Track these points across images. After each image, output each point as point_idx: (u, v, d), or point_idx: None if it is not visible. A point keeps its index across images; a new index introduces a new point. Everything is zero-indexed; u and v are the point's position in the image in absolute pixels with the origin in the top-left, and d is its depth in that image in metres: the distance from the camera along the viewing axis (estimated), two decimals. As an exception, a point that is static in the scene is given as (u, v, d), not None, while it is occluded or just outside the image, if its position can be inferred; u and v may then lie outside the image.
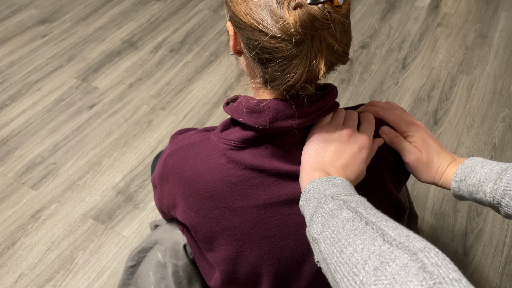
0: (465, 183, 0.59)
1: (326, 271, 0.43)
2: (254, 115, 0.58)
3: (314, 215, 0.49)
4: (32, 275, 1.19)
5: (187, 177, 0.63)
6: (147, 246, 0.79)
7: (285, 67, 0.53)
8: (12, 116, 1.64)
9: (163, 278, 0.77)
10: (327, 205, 0.48)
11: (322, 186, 0.53)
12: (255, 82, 0.60)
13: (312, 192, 0.53)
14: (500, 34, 1.97)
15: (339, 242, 0.42)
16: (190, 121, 1.61)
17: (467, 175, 0.59)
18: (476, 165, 0.59)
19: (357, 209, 0.46)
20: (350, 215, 0.45)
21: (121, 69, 1.82)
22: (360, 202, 0.48)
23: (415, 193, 1.37)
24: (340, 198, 0.48)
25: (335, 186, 0.52)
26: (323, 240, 0.45)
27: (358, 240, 0.41)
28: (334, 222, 0.45)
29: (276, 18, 0.49)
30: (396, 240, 0.38)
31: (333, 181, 0.53)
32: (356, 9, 2.15)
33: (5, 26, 2.06)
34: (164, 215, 0.76)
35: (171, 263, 0.75)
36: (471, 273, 1.18)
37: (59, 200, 1.36)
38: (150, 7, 2.18)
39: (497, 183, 0.55)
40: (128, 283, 0.85)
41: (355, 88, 1.72)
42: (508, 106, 1.64)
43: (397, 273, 0.35)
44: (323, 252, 0.44)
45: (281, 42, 0.50)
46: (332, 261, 0.42)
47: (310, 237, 0.48)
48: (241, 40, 0.56)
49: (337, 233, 0.43)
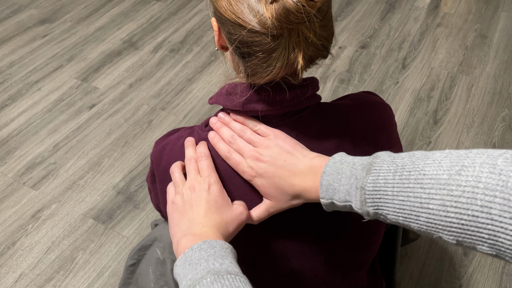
0: (335, 206, 0.53)
1: None
2: (230, 97, 0.61)
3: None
4: (32, 275, 1.19)
5: (165, 166, 0.65)
6: (146, 244, 0.79)
7: (265, 60, 0.54)
8: (12, 116, 1.64)
9: (163, 275, 0.77)
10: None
11: (181, 270, 0.50)
12: (239, 76, 0.61)
13: (177, 280, 0.51)
14: (500, 34, 1.97)
15: None
16: (190, 121, 1.61)
17: (331, 197, 0.52)
18: (334, 182, 0.52)
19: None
20: None
21: (121, 69, 1.82)
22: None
23: (415, 193, 1.37)
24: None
25: (191, 266, 0.49)
26: None
27: None
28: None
29: (254, 12, 0.51)
30: None
31: (189, 257, 0.50)
32: (356, 9, 2.15)
33: (5, 26, 2.06)
34: (161, 213, 0.77)
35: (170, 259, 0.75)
36: (471, 273, 1.19)
37: (59, 200, 1.36)
38: (150, 7, 2.18)
39: (364, 205, 0.49)
40: (129, 283, 0.85)
41: (355, 88, 1.72)
42: (508, 106, 1.64)
43: None
44: None
45: (259, 36, 0.52)
46: None
47: None
48: (224, 35, 0.58)
49: None
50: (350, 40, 1.96)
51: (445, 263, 1.21)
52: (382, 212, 0.48)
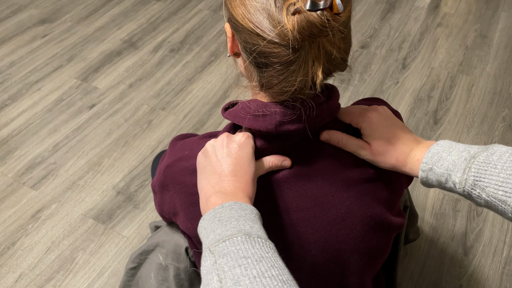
0: (433, 173, 0.55)
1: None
2: (259, 119, 0.56)
3: (201, 270, 0.47)
4: (32, 275, 1.19)
5: (189, 187, 0.63)
6: (148, 249, 0.79)
7: (282, 72, 0.51)
8: (12, 116, 1.64)
9: (165, 280, 0.76)
10: (205, 263, 0.46)
11: (209, 224, 0.50)
12: (252, 85, 0.59)
13: (202, 233, 0.51)
14: (500, 34, 1.97)
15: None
16: (190, 121, 1.61)
17: (434, 163, 0.55)
18: (443, 152, 0.54)
19: (225, 274, 0.42)
20: (217, 287, 0.42)
21: (121, 69, 1.82)
22: (235, 251, 0.44)
23: (415, 193, 1.37)
24: (216, 250, 0.45)
25: (220, 222, 0.49)
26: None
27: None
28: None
29: (274, 23, 0.49)
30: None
31: (219, 214, 0.50)
32: (356, 9, 2.15)
33: (5, 26, 2.06)
34: (164, 219, 0.76)
35: (172, 265, 0.75)
36: (471, 273, 1.19)
37: (59, 200, 1.36)
38: (150, 7, 2.18)
39: (466, 172, 0.50)
40: (129, 285, 0.85)
41: (355, 88, 1.72)
42: (508, 106, 1.64)
43: None
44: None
45: (278, 47, 0.49)
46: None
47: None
48: (238, 43, 0.56)
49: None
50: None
51: (445, 263, 1.21)
52: (482, 183, 0.49)
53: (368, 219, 0.63)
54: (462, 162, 0.52)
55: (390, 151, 0.60)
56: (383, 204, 0.65)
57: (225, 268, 0.43)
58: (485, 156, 0.50)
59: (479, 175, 0.49)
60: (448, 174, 0.53)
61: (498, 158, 0.49)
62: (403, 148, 0.60)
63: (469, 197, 0.52)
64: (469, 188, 0.50)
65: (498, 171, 0.48)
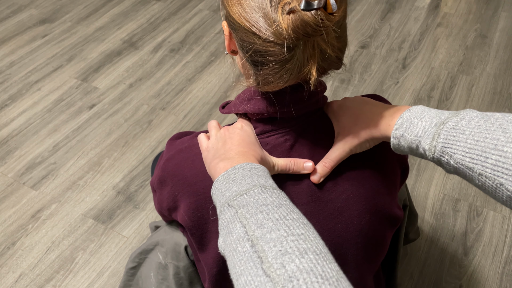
0: (404, 139, 0.54)
1: None
2: (252, 102, 0.60)
3: (219, 225, 0.48)
4: (32, 275, 1.19)
5: (187, 178, 0.63)
6: (147, 248, 0.79)
7: (277, 71, 0.52)
8: (12, 116, 1.64)
9: (164, 279, 0.76)
10: (225, 215, 0.47)
11: (223, 185, 0.51)
12: (249, 82, 0.60)
13: (216, 195, 0.52)
14: (500, 34, 1.97)
15: (235, 268, 0.42)
16: (190, 121, 1.61)
17: (405, 130, 0.54)
18: (414, 118, 0.54)
19: (247, 220, 0.44)
20: (241, 231, 0.44)
21: (121, 69, 1.82)
22: (254, 201, 0.46)
23: (415, 193, 1.37)
24: (235, 204, 0.47)
25: (235, 181, 0.50)
26: (227, 259, 0.44)
27: (246, 270, 0.41)
28: (230, 240, 0.44)
29: (270, 22, 0.49)
30: (272, 267, 0.39)
31: (233, 174, 0.52)
32: (356, 9, 2.15)
33: (5, 26, 2.06)
34: (164, 218, 0.76)
35: (172, 264, 0.75)
36: (471, 273, 1.19)
37: (59, 200, 1.36)
38: (150, 7, 2.18)
39: (435, 139, 0.50)
40: (129, 285, 0.85)
41: (355, 88, 1.72)
42: (508, 106, 1.64)
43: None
44: (230, 271, 0.44)
45: (274, 46, 0.50)
46: (234, 284, 0.42)
47: (220, 250, 0.48)
48: (235, 41, 0.56)
49: (233, 256, 0.43)
50: (350, 40, 1.95)
51: (445, 263, 1.21)
52: (450, 150, 0.48)
53: (364, 212, 0.64)
54: (432, 128, 0.51)
55: (361, 125, 0.60)
56: (380, 196, 0.65)
57: (247, 216, 0.45)
58: (454, 122, 0.49)
59: (447, 142, 0.49)
60: (418, 141, 0.52)
61: (467, 123, 0.48)
62: (374, 119, 0.59)
63: (439, 163, 0.51)
64: (438, 155, 0.50)
65: (465, 137, 0.47)
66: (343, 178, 0.63)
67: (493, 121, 0.47)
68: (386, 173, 0.66)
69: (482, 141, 0.45)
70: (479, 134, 0.46)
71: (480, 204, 1.33)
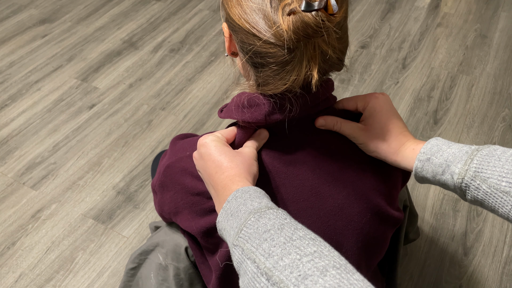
0: (430, 163, 0.54)
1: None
2: (250, 110, 0.58)
3: (235, 268, 0.47)
4: (32, 275, 1.19)
5: (189, 188, 0.63)
6: (148, 249, 0.79)
7: (278, 72, 0.52)
8: (12, 116, 1.64)
9: (165, 280, 0.76)
10: (235, 257, 0.46)
11: (225, 224, 0.50)
12: (250, 84, 0.60)
13: (224, 235, 0.51)
14: (500, 34, 1.97)
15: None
16: (190, 121, 1.61)
17: (433, 154, 0.54)
18: (443, 145, 0.55)
19: (255, 254, 0.43)
20: (253, 268, 0.42)
21: (121, 69, 1.82)
22: (254, 231, 0.45)
23: (415, 193, 1.37)
24: (239, 243, 0.46)
25: (233, 216, 0.49)
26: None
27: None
28: (247, 280, 0.43)
29: (270, 23, 0.49)
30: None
31: (229, 210, 0.51)
32: (356, 9, 2.15)
33: (5, 26, 2.06)
34: (164, 219, 0.76)
35: (172, 265, 0.75)
36: (471, 273, 1.19)
37: (59, 200, 1.36)
38: (150, 7, 2.18)
39: (468, 163, 0.50)
40: (129, 285, 0.85)
41: (355, 88, 1.72)
42: (508, 106, 1.64)
43: None
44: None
45: (274, 47, 0.50)
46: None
47: None
48: (235, 43, 0.56)
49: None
50: (350, 40, 1.95)
51: (445, 263, 1.21)
52: (484, 174, 0.49)
53: (365, 211, 0.63)
54: (464, 154, 0.52)
55: (385, 136, 0.60)
56: (381, 196, 0.65)
57: (253, 249, 0.43)
58: (487, 151, 0.51)
59: (481, 167, 0.49)
60: (447, 165, 0.53)
61: (501, 152, 0.50)
62: (399, 137, 0.59)
63: (465, 189, 0.51)
64: (469, 179, 0.50)
65: (502, 163, 0.48)
66: (344, 175, 0.63)
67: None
68: (388, 173, 0.66)
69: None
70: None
71: (480, 204, 1.33)
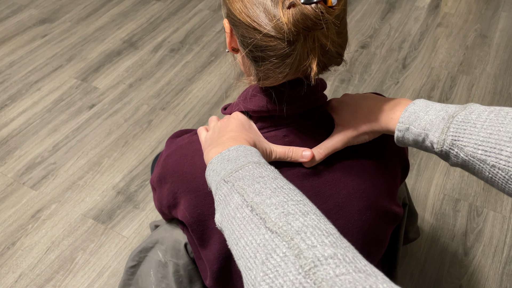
0: (409, 132, 0.55)
1: None
2: (253, 99, 0.61)
3: (215, 203, 0.50)
4: (32, 275, 1.19)
5: (186, 173, 0.64)
6: (147, 246, 0.79)
7: (278, 66, 0.53)
8: (12, 116, 1.64)
9: (164, 277, 0.76)
10: (221, 191, 0.48)
11: (218, 165, 0.53)
12: (250, 79, 0.61)
13: (211, 176, 0.53)
14: (500, 34, 1.97)
15: (234, 234, 0.43)
16: (190, 121, 1.61)
17: (411, 123, 0.54)
18: (420, 111, 0.54)
19: (245, 190, 0.45)
20: (239, 200, 0.45)
21: (121, 69, 1.82)
22: (250, 174, 0.48)
23: (415, 193, 1.37)
24: (231, 179, 0.48)
25: (229, 161, 0.52)
26: (225, 230, 0.45)
27: (247, 231, 0.41)
28: (227, 211, 0.45)
29: (270, 16, 0.50)
30: (276, 225, 0.39)
31: (227, 155, 0.53)
32: (356, 9, 2.15)
33: (5, 26, 2.06)
34: (164, 216, 0.76)
35: (172, 262, 0.75)
36: (471, 273, 1.19)
37: (59, 200, 1.36)
38: (150, 7, 2.18)
39: (444, 132, 0.50)
40: (129, 284, 0.85)
41: (355, 88, 1.72)
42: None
43: (278, 264, 0.36)
44: (227, 242, 0.45)
45: (274, 40, 0.51)
46: (234, 253, 0.43)
47: (217, 225, 0.49)
48: (236, 38, 0.57)
49: (231, 224, 0.44)
50: (350, 40, 1.95)
51: (445, 263, 1.21)
52: (461, 143, 0.49)
53: (365, 209, 0.64)
54: (440, 121, 0.52)
55: (361, 118, 0.61)
56: (381, 192, 0.65)
57: (244, 187, 0.46)
58: (463, 116, 0.50)
59: (457, 135, 0.50)
60: (426, 134, 0.53)
61: (477, 116, 0.49)
62: (374, 111, 0.60)
63: (446, 156, 0.52)
64: (447, 148, 0.51)
65: (477, 130, 0.48)
66: (344, 174, 0.63)
67: (504, 114, 0.48)
68: (387, 170, 0.66)
69: (495, 134, 0.46)
70: (491, 127, 0.47)
71: (480, 204, 1.33)
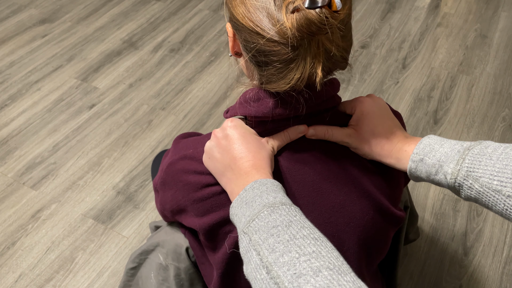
0: (423, 164, 0.55)
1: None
2: (255, 105, 0.58)
3: (241, 253, 0.50)
4: (32, 275, 1.19)
5: (190, 185, 0.63)
6: (148, 249, 0.79)
7: (282, 71, 0.52)
8: (12, 116, 1.64)
9: (165, 280, 0.76)
10: (242, 244, 0.49)
11: (239, 210, 0.53)
12: (253, 84, 0.60)
13: (235, 221, 0.54)
14: (500, 34, 1.97)
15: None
16: (190, 121, 1.61)
17: (426, 154, 0.55)
18: (435, 144, 0.55)
19: (260, 247, 0.46)
20: (257, 259, 0.46)
21: (121, 69, 1.82)
22: (265, 224, 0.48)
23: (415, 193, 1.37)
24: (249, 231, 0.49)
25: (247, 205, 0.52)
26: (252, 286, 0.47)
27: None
28: (250, 269, 0.47)
29: (274, 21, 0.49)
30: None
31: (245, 198, 0.53)
32: (356, 9, 2.15)
33: (5, 26, 2.06)
34: (165, 218, 0.76)
35: (173, 265, 0.75)
36: (471, 273, 1.19)
37: (59, 200, 1.36)
38: (150, 7, 2.18)
39: (460, 163, 0.51)
40: (129, 285, 0.85)
41: (355, 88, 1.72)
42: (508, 106, 1.64)
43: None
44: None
45: (278, 45, 0.50)
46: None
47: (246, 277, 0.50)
48: (239, 42, 0.56)
49: (254, 284, 0.45)
50: (350, 40, 1.95)
51: (445, 263, 1.21)
52: (476, 174, 0.50)
53: (368, 208, 0.63)
54: (455, 153, 0.52)
55: (377, 139, 0.60)
56: (384, 194, 0.65)
57: (260, 242, 0.46)
58: (479, 149, 0.51)
59: (473, 166, 0.50)
60: (440, 165, 0.53)
61: (492, 150, 0.50)
62: (390, 138, 0.60)
63: (459, 188, 0.52)
64: (461, 179, 0.51)
65: (493, 162, 0.49)
66: (346, 173, 0.63)
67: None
68: (390, 172, 0.65)
69: (510, 165, 0.48)
70: (507, 159, 0.48)
71: (480, 204, 1.33)
